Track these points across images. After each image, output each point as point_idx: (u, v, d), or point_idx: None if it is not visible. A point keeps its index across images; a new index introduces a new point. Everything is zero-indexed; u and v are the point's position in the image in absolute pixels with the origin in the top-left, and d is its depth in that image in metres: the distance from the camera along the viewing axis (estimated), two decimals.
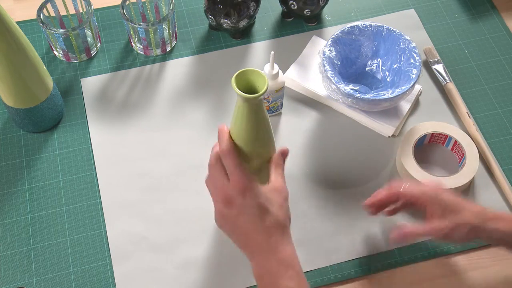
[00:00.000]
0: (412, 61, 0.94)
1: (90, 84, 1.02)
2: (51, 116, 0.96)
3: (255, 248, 0.70)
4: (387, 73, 0.98)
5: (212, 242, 0.88)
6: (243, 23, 1.03)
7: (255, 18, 1.08)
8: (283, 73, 1.01)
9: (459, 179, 0.89)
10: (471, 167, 0.90)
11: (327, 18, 1.11)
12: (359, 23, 0.98)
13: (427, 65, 1.05)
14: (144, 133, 0.97)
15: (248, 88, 0.70)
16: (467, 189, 0.92)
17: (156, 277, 0.85)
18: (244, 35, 1.08)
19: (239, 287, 0.84)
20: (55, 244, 0.87)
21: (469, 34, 1.09)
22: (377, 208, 0.81)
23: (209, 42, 1.08)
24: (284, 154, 0.76)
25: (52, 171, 0.93)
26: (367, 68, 1.00)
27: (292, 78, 1.01)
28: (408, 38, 0.96)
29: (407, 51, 0.95)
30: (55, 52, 1.05)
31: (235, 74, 0.68)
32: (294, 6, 1.05)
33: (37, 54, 0.89)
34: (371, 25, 0.98)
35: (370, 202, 0.81)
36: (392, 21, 1.10)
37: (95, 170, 0.94)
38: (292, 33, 1.09)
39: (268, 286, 0.68)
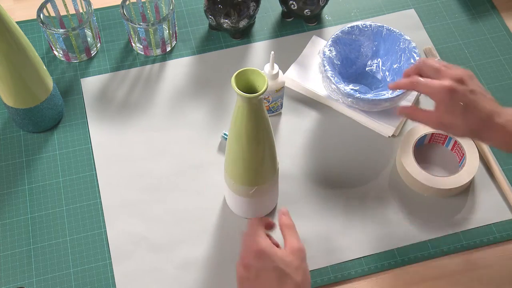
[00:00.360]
0: (412, 61, 0.94)
1: (90, 84, 1.02)
2: (51, 116, 0.96)
3: None
4: (387, 73, 0.98)
5: (212, 242, 0.88)
6: (243, 23, 1.03)
7: (255, 18, 1.08)
8: (283, 73, 1.01)
9: (459, 179, 0.89)
10: (471, 167, 0.90)
11: (327, 18, 1.11)
12: (359, 23, 0.98)
13: None
14: (144, 133, 0.97)
15: (248, 88, 0.69)
16: (467, 189, 0.92)
17: (156, 277, 0.85)
18: (244, 35, 1.08)
19: None
20: (55, 244, 0.87)
21: (469, 34, 1.09)
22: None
23: (209, 42, 1.08)
24: (286, 214, 0.76)
25: (52, 171, 0.94)
26: (367, 68, 1.00)
27: (292, 78, 1.01)
28: (408, 38, 0.96)
29: (407, 51, 0.95)
30: (55, 52, 1.05)
31: (235, 74, 0.68)
32: (294, 6, 1.05)
33: (37, 54, 0.89)
34: (371, 25, 0.98)
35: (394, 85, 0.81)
36: (392, 21, 1.10)
37: (95, 170, 0.94)
38: (292, 33, 1.09)
39: None
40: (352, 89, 0.93)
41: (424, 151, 0.95)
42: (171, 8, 1.00)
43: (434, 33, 1.09)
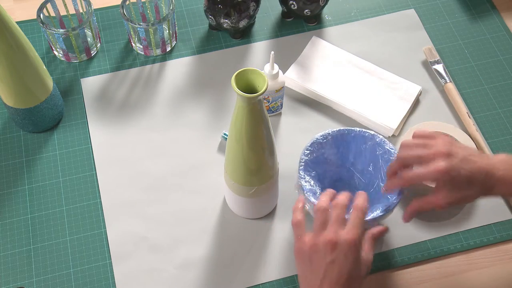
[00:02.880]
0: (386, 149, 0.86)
1: (90, 84, 1.02)
2: (51, 116, 0.96)
3: None
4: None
5: (212, 242, 0.88)
6: (243, 23, 1.03)
7: (255, 18, 1.08)
8: (283, 73, 1.01)
9: None
10: None
11: (327, 18, 1.11)
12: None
13: (427, 65, 1.05)
14: (144, 133, 0.97)
15: (248, 88, 0.69)
16: None
17: (156, 277, 0.85)
18: (244, 35, 1.08)
19: (239, 287, 0.84)
20: (55, 244, 0.87)
21: (469, 34, 1.09)
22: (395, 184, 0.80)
23: (209, 42, 1.08)
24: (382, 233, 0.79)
25: (52, 171, 0.94)
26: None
27: (292, 78, 1.01)
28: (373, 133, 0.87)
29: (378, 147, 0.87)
30: (55, 52, 1.05)
31: (235, 74, 0.68)
32: (294, 6, 1.05)
33: (37, 54, 0.89)
34: (328, 133, 0.88)
35: (389, 185, 0.80)
36: (392, 21, 1.11)
37: (95, 170, 0.94)
38: (292, 33, 1.09)
39: None
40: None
41: None
42: (171, 8, 1.00)
43: (434, 33, 1.09)
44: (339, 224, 0.71)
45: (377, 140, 0.86)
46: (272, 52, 0.87)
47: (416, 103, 1.00)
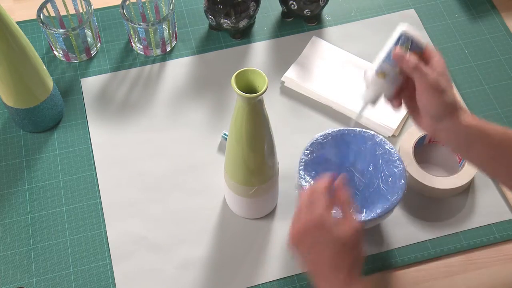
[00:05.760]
0: (386, 149, 0.86)
1: (90, 84, 1.02)
2: (51, 116, 0.96)
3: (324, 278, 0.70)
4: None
5: (212, 242, 0.88)
6: (243, 23, 1.03)
7: (255, 18, 1.08)
8: (283, 73, 1.01)
9: (459, 179, 0.89)
10: (471, 167, 0.90)
11: (327, 18, 1.11)
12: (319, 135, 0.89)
13: None
14: (144, 133, 0.97)
15: (248, 88, 0.69)
16: (467, 189, 0.92)
17: (156, 277, 0.85)
18: (244, 35, 1.08)
19: (239, 287, 0.84)
20: (55, 244, 0.87)
21: (469, 34, 1.09)
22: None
23: (209, 42, 1.08)
24: (343, 188, 0.74)
25: (52, 171, 0.94)
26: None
27: (292, 78, 1.01)
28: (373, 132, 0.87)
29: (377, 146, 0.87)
30: (55, 52, 1.05)
31: (235, 74, 0.68)
32: (294, 6, 1.05)
33: (37, 54, 0.89)
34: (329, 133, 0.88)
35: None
36: (392, 21, 1.10)
37: (95, 170, 0.94)
38: (292, 33, 1.09)
39: None
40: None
41: (424, 151, 0.95)
42: (171, 8, 1.00)
43: (434, 33, 1.09)
44: (304, 210, 0.71)
45: (377, 140, 0.86)
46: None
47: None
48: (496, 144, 0.72)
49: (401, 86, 0.75)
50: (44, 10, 1.00)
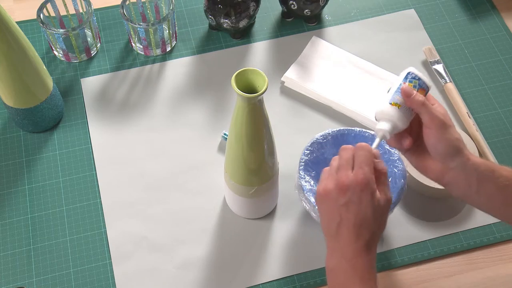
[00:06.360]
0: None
1: (90, 84, 1.02)
2: (51, 116, 0.96)
3: (337, 244, 0.70)
4: None
5: (212, 242, 0.88)
6: (243, 23, 1.03)
7: (255, 18, 1.08)
8: (283, 73, 1.01)
9: None
10: None
11: (327, 18, 1.11)
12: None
13: (427, 65, 1.05)
14: (144, 133, 0.97)
15: (248, 88, 0.69)
16: None
17: (156, 277, 0.85)
18: (244, 35, 1.08)
19: (239, 287, 0.84)
20: (55, 244, 0.87)
21: (469, 34, 1.09)
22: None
23: (209, 42, 1.08)
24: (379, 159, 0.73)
25: (52, 171, 0.94)
26: None
27: (292, 78, 1.01)
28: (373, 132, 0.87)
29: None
30: (55, 52, 1.05)
31: (235, 74, 0.68)
32: (294, 6, 1.05)
33: (37, 54, 0.89)
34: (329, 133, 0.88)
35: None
36: (392, 21, 1.11)
37: (95, 170, 0.94)
38: (292, 33, 1.09)
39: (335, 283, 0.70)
40: None
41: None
42: (171, 8, 1.00)
43: (434, 33, 1.09)
44: (348, 167, 0.70)
45: None
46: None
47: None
48: (506, 184, 0.71)
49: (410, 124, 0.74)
50: (44, 10, 1.00)
